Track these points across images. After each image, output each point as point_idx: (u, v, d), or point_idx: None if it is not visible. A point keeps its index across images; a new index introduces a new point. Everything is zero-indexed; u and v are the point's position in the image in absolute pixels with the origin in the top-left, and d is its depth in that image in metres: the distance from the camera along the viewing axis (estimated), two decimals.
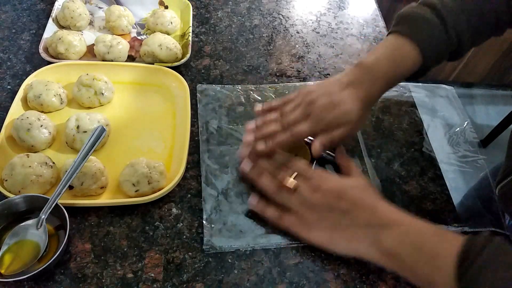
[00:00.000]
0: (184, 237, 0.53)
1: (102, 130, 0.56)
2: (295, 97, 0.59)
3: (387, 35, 0.61)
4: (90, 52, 0.72)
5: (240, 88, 0.69)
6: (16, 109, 0.60)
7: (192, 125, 0.63)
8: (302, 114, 0.56)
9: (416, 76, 0.60)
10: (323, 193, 0.51)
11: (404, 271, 0.46)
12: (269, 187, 0.54)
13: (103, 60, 0.70)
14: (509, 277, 0.38)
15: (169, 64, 0.69)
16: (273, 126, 0.57)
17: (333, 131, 0.56)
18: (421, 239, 0.45)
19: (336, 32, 0.83)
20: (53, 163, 0.55)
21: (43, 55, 0.68)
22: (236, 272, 0.50)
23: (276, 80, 0.73)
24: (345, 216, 0.49)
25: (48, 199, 0.49)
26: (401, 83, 0.75)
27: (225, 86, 0.70)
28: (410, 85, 0.76)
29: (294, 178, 0.52)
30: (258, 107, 0.61)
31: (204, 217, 0.54)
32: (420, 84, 0.78)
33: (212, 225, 0.53)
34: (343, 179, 0.53)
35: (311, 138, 0.58)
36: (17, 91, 0.62)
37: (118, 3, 0.80)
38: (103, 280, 0.48)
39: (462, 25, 0.56)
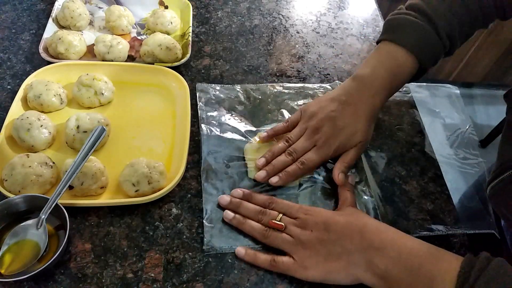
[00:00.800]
0: (184, 237, 0.53)
1: (102, 130, 0.56)
2: (298, 120, 0.59)
3: (377, 43, 0.61)
4: (90, 52, 0.72)
5: (239, 87, 0.69)
6: (16, 109, 0.60)
7: (192, 125, 0.63)
8: (309, 143, 0.57)
9: (413, 79, 0.61)
10: (310, 228, 0.50)
11: None
12: (256, 232, 0.52)
13: (103, 60, 0.70)
14: None
15: (169, 64, 0.69)
16: (282, 157, 0.57)
17: (346, 154, 0.57)
18: (416, 260, 0.44)
19: (336, 32, 0.83)
20: (53, 163, 0.55)
21: (43, 55, 0.68)
22: (236, 272, 0.50)
23: (276, 80, 0.73)
24: (335, 246, 0.48)
25: (48, 199, 0.49)
26: None
27: (225, 85, 0.70)
28: (411, 85, 0.76)
29: (280, 219, 0.52)
30: (263, 134, 0.61)
31: (205, 217, 0.54)
32: (421, 84, 0.78)
33: (212, 225, 0.53)
34: (329, 212, 0.52)
35: None
36: (17, 91, 0.62)
37: (118, 3, 0.80)
38: (103, 280, 0.48)
39: (451, 25, 0.57)
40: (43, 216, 0.48)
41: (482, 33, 1.74)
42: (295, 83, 0.72)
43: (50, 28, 0.73)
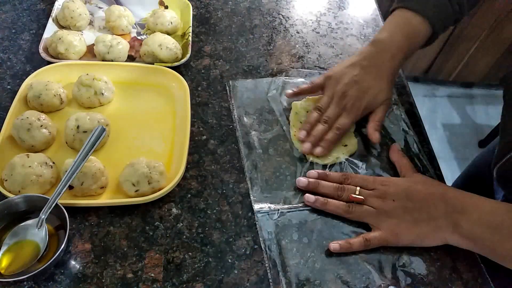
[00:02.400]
0: (184, 237, 0.53)
1: (102, 130, 0.56)
2: (321, 84, 0.65)
3: (391, 11, 0.65)
4: (90, 52, 0.72)
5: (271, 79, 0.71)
6: (16, 109, 0.60)
7: (192, 125, 0.63)
8: (339, 108, 0.62)
9: (427, 44, 0.65)
10: (392, 198, 0.53)
11: (485, 251, 0.49)
12: (340, 209, 0.55)
13: (103, 60, 0.70)
14: None
15: (169, 64, 0.69)
16: (319, 126, 0.61)
17: (375, 113, 0.62)
18: (497, 219, 0.48)
19: (336, 32, 0.83)
20: (53, 163, 0.55)
21: (43, 55, 0.68)
22: (236, 272, 0.50)
23: (275, 79, 0.73)
24: (421, 212, 0.52)
25: (48, 199, 0.49)
26: (401, 83, 0.75)
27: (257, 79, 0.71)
28: (412, 84, 0.76)
29: (359, 193, 0.55)
30: (289, 91, 0.67)
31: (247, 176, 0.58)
32: (420, 84, 0.78)
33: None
34: (404, 180, 0.56)
35: None
36: (17, 91, 0.62)
37: (118, 3, 0.80)
38: (103, 280, 0.48)
39: None
40: (43, 216, 0.48)
41: (482, 33, 1.74)
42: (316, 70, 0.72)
43: (50, 28, 0.73)
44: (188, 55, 0.71)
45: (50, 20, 0.74)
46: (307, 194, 0.56)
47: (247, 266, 0.51)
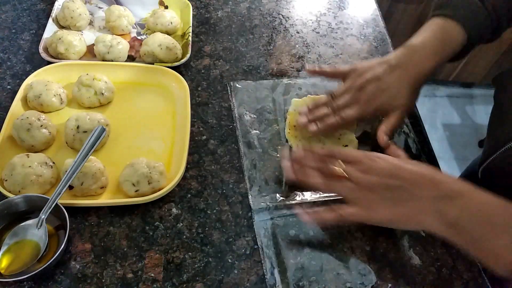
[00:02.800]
0: (184, 237, 0.53)
1: (102, 130, 0.56)
2: (344, 73, 0.62)
3: (428, 19, 0.63)
4: (90, 52, 0.72)
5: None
6: (16, 109, 0.60)
7: (192, 125, 0.63)
8: (351, 99, 0.59)
9: (462, 54, 0.62)
10: (377, 173, 0.50)
11: (469, 244, 0.45)
12: (320, 183, 0.52)
13: (103, 60, 0.70)
14: None
15: (169, 64, 0.69)
16: (324, 109, 0.60)
17: (389, 118, 0.58)
18: (489, 210, 0.44)
19: (336, 32, 0.83)
20: (53, 163, 0.55)
21: (43, 55, 0.68)
22: (236, 272, 0.50)
23: (276, 80, 0.73)
24: (405, 192, 0.48)
25: (48, 199, 0.49)
26: None
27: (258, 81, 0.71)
28: None
29: (341, 169, 0.51)
30: (309, 66, 0.65)
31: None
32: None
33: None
34: (393, 158, 0.51)
35: None
36: (17, 91, 0.62)
37: (118, 3, 0.80)
38: (103, 280, 0.48)
39: (499, 1, 0.58)
40: (43, 216, 0.48)
41: None
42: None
43: (50, 28, 0.73)
44: (188, 55, 0.71)
45: (50, 20, 0.74)
46: (288, 166, 0.54)
47: (247, 266, 0.51)
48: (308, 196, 0.56)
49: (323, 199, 0.56)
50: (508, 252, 0.42)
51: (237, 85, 0.70)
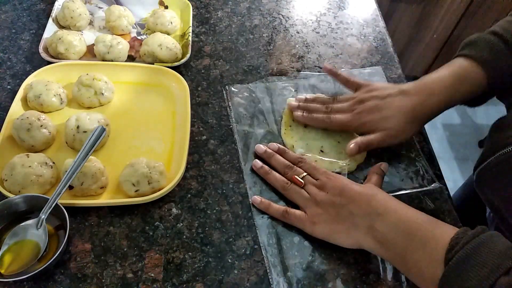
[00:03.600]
0: (184, 237, 0.53)
1: (102, 130, 0.56)
2: (356, 83, 0.64)
3: (453, 59, 0.61)
4: (90, 52, 0.72)
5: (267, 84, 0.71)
6: (16, 109, 0.60)
7: (192, 125, 0.63)
8: (348, 107, 0.62)
9: (480, 100, 0.61)
10: (328, 190, 0.53)
11: (396, 260, 0.47)
12: (278, 183, 0.57)
13: (103, 60, 0.70)
14: (496, 264, 0.38)
15: (169, 64, 0.69)
16: (318, 105, 0.64)
17: (369, 135, 0.59)
18: (414, 226, 0.46)
19: (336, 32, 0.83)
20: (53, 163, 0.55)
21: (43, 55, 0.68)
22: (236, 272, 0.50)
23: (276, 80, 0.73)
24: (344, 209, 0.51)
25: (48, 199, 0.49)
26: (401, 83, 0.75)
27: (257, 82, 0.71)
28: None
29: (302, 177, 0.56)
30: (328, 65, 0.68)
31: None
32: None
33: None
34: (349, 180, 0.54)
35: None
36: (17, 91, 0.62)
37: (118, 3, 0.80)
38: (103, 280, 0.48)
39: None
40: (43, 216, 0.48)
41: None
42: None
43: (50, 28, 0.73)
44: (188, 55, 0.71)
45: (50, 20, 0.74)
46: (256, 160, 0.60)
47: (247, 266, 0.51)
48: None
49: None
50: (426, 267, 0.43)
51: (232, 88, 0.70)
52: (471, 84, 0.57)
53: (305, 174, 0.56)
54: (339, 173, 0.59)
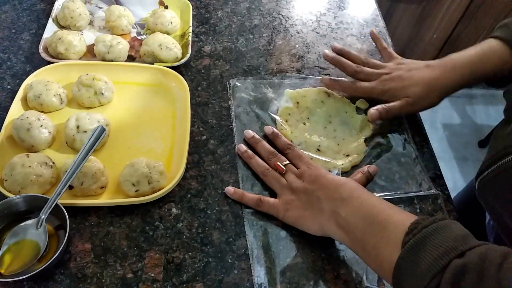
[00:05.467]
0: (184, 237, 0.53)
1: (102, 130, 0.56)
2: (390, 59, 0.67)
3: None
4: (90, 52, 0.72)
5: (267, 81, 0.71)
6: (16, 109, 0.60)
7: (192, 125, 0.63)
8: (376, 75, 0.64)
9: (505, 81, 0.61)
10: (304, 178, 0.54)
11: (355, 244, 0.47)
12: (259, 168, 0.58)
13: (103, 60, 0.70)
14: (451, 247, 0.38)
15: (169, 64, 0.69)
16: (351, 65, 0.66)
17: (390, 103, 0.61)
18: (374, 210, 0.46)
19: (336, 32, 0.83)
20: (53, 163, 0.55)
21: (43, 55, 0.68)
22: (236, 272, 0.50)
23: (277, 80, 0.73)
24: (313, 195, 0.52)
25: (48, 199, 0.49)
26: None
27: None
28: None
29: (284, 165, 0.57)
30: (374, 32, 0.74)
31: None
32: None
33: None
34: (322, 169, 0.55)
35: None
36: (17, 91, 0.62)
37: (118, 3, 0.80)
38: (103, 280, 0.48)
39: None
40: (43, 216, 0.48)
41: (482, 33, 1.74)
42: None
43: (50, 28, 0.73)
44: (188, 55, 0.71)
45: (50, 20, 0.74)
46: (240, 144, 0.61)
47: (247, 266, 0.51)
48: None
49: None
50: (384, 250, 0.43)
51: (236, 83, 0.70)
52: (496, 62, 0.59)
53: (287, 162, 0.57)
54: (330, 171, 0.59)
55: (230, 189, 0.56)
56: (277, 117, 0.65)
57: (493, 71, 0.60)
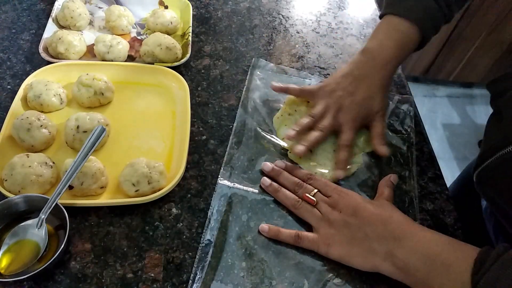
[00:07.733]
0: (184, 237, 0.53)
1: (102, 130, 0.56)
2: (315, 93, 0.63)
3: (380, 17, 0.65)
4: (90, 52, 0.72)
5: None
6: (16, 109, 0.60)
7: (192, 125, 0.63)
8: (334, 120, 0.60)
9: (418, 48, 0.64)
10: (340, 209, 0.52)
11: (418, 285, 0.45)
12: (289, 201, 0.55)
13: (103, 60, 0.70)
14: None
15: (169, 64, 0.69)
16: (316, 133, 0.59)
17: (374, 127, 0.61)
18: (434, 249, 0.45)
19: (336, 32, 0.83)
20: (53, 163, 0.55)
21: (43, 55, 0.68)
22: (236, 272, 0.50)
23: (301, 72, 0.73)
24: (359, 231, 0.49)
25: (48, 199, 0.49)
26: (401, 83, 0.75)
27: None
28: (410, 85, 0.76)
29: (314, 194, 0.54)
30: (275, 83, 0.66)
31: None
32: (420, 84, 0.78)
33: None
34: (361, 198, 0.53)
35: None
36: (17, 91, 0.62)
37: (118, 3, 0.80)
38: (103, 280, 0.48)
39: None
40: (43, 216, 0.48)
41: (482, 33, 1.74)
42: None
43: (50, 28, 0.73)
44: (188, 55, 0.71)
45: (50, 20, 0.74)
46: (264, 177, 0.57)
47: (247, 266, 0.51)
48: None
49: None
50: None
51: (259, 63, 0.72)
52: (411, 44, 0.62)
53: (316, 191, 0.54)
54: None
55: (264, 227, 0.53)
56: (283, 143, 0.62)
57: (409, 53, 0.63)
